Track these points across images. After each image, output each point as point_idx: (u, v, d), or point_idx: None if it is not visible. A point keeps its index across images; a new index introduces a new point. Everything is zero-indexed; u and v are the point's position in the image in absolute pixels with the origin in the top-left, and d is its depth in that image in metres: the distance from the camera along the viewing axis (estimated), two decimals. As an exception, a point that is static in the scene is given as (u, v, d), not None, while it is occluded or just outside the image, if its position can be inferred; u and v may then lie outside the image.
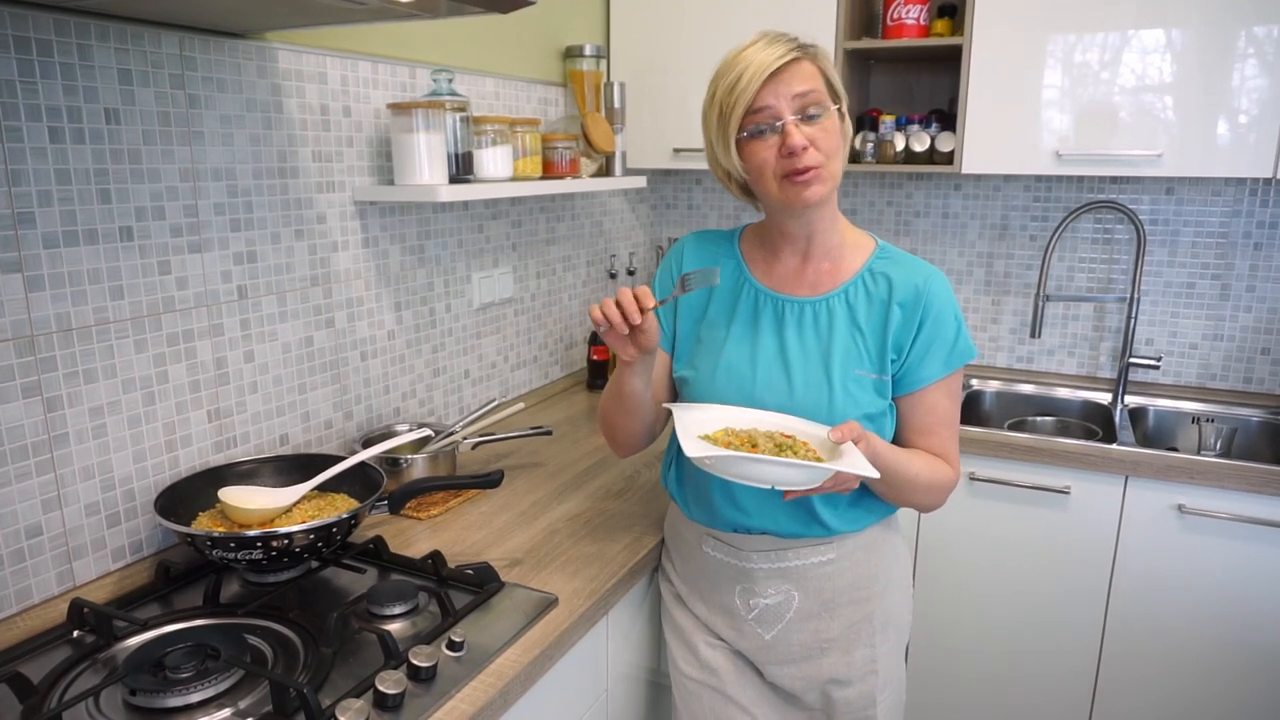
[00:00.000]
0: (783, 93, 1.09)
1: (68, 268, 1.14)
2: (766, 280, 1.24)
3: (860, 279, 1.19)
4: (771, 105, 1.09)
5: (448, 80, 1.60)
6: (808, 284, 1.22)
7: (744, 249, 1.28)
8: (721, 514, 1.23)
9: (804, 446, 1.08)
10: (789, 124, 1.09)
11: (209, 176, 1.31)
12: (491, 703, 1.00)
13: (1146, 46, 1.83)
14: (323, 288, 1.53)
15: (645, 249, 2.65)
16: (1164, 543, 1.79)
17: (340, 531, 1.22)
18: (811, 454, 1.07)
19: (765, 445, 1.07)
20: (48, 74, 1.09)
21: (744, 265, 1.26)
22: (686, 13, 2.18)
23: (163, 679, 0.97)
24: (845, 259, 1.21)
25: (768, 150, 1.11)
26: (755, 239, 1.28)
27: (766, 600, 1.23)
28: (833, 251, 1.21)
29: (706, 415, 1.15)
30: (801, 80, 1.10)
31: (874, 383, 1.17)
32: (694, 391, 1.23)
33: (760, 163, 1.12)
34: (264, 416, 1.45)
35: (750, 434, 1.10)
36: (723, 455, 1.01)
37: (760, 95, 1.09)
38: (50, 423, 1.15)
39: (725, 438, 1.09)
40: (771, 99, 1.09)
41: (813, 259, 1.22)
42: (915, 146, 2.11)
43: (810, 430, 1.11)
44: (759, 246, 1.27)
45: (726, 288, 1.26)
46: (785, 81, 1.09)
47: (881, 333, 1.17)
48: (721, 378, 1.20)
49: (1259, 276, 2.12)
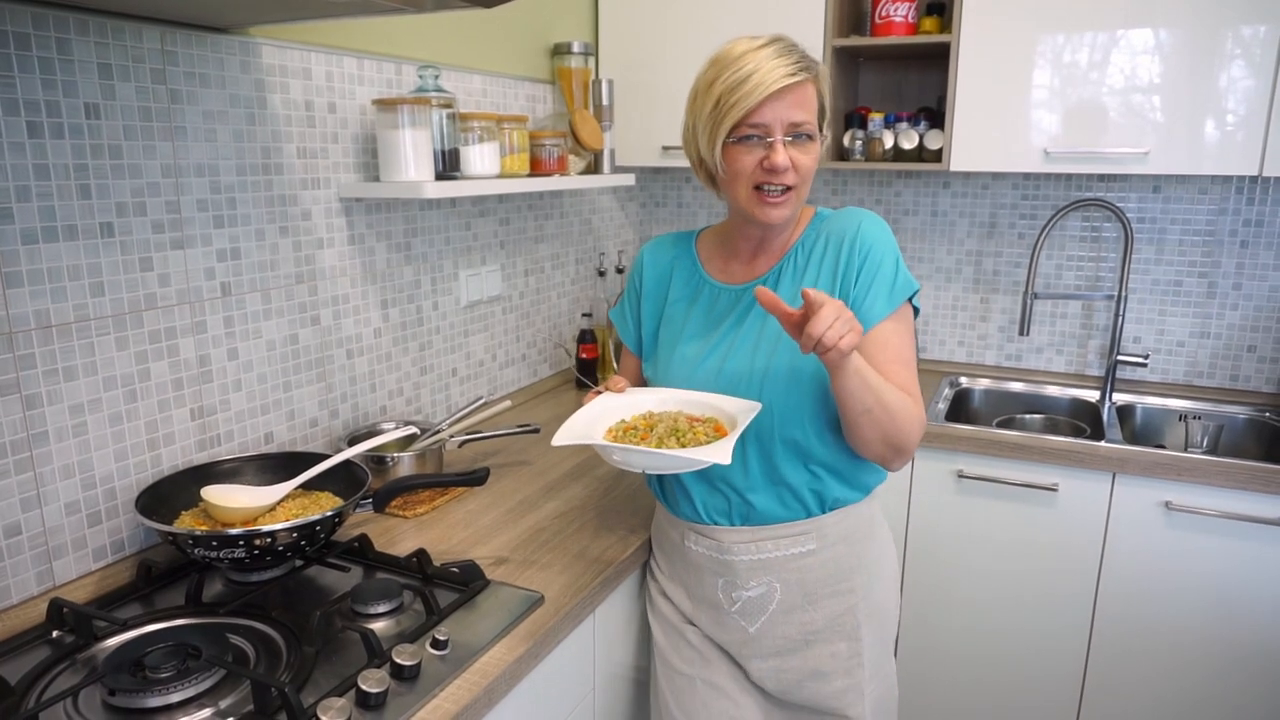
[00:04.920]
0: (782, 114, 1.12)
1: (47, 264, 1.13)
2: (722, 276, 1.29)
3: (796, 247, 1.24)
4: (767, 123, 1.12)
5: (434, 76, 1.59)
6: (758, 273, 1.26)
7: (700, 250, 1.33)
8: (700, 503, 1.25)
9: (704, 428, 1.15)
10: (777, 143, 1.12)
11: (191, 172, 1.30)
12: (475, 701, 0.99)
13: (1135, 46, 1.83)
14: (308, 285, 1.52)
15: (634, 247, 2.64)
16: (1151, 539, 1.80)
17: (324, 530, 1.22)
18: (712, 436, 1.14)
19: (660, 430, 1.15)
20: (25, 68, 1.08)
21: (699, 265, 1.32)
22: (675, 10, 2.17)
23: (142, 679, 0.96)
24: (789, 235, 1.26)
25: (750, 158, 1.14)
26: (714, 239, 1.34)
27: (748, 593, 1.24)
28: (787, 242, 1.26)
29: (633, 400, 1.24)
30: (802, 108, 1.12)
31: None
32: (655, 385, 1.29)
33: (740, 168, 1.15)
34: (248, 415, 1.44)
35: (652, 418, 1.19)
36: (581, 444, 1.15)
37: (760, 110, 1.11)
38: (29, 421, 1.13)
39: (620, 426, 1.19)
40: (770, 116, 1.11)
41: (765, 253, 1.26)
42: (904, 144, 2.11)
43: (734, 408, 1.16)
44: (717, 245, 1.32)
45: (685, 287, 1.31)
46: (787, 104, 1.11)
47: (830, 285, 1.19)
48: (675, 368, 1.26)
49: (1245, 274, 2.12)
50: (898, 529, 2.01)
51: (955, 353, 2.44)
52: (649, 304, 1.34)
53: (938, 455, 1.93)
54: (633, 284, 1.38)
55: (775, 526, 1.22)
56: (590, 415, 1.21)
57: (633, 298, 1.37)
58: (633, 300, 1.37)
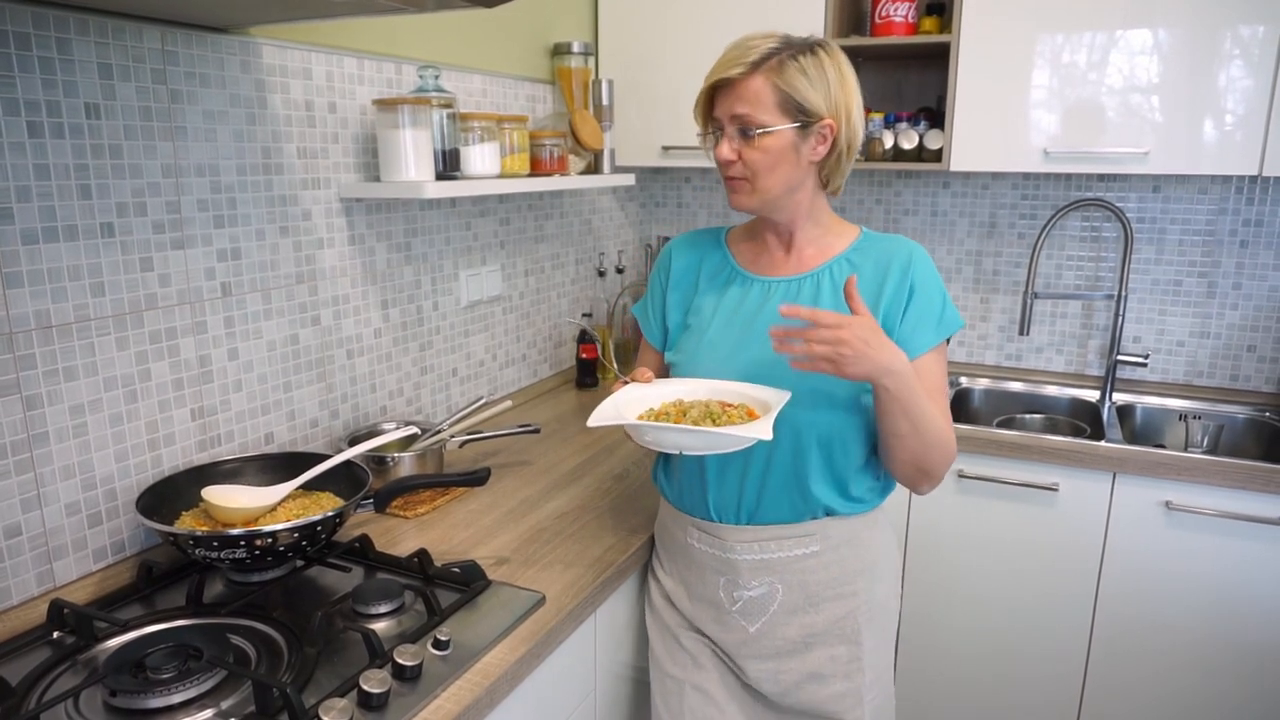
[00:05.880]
0: (727, 108, 1.15)
1: (47, 264, 1.12)
2: (753, 268, 1.29)
3: (845, 257, 1.24)
4: (718, 115, 1.17)
5: (434, 76, 1.59)
6: (792, 266, 1.26)
7: (730, 244, 1.34)
8: (710, 498, 1.24)
9: (738, 413, 1.13)
10: (725, 135, 1.16)
11: (192, 172, 1.30)
12: (477, 701, 0.99)
13: (1134, 46, 1.83)
14: (308, 285, 1.52)
15: (634, 247, 2.64)
16: (1151, 539, 1.80)
17: (325, 530, 1.21)
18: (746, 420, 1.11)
19: (694, 414, 1.13)
20: (26, 68, 1.08)
21: (730, 257, 1.31)
22: (675, 10, 2.17)
23: (143, 680, 0.96)
24: (830, 244, 1.26)
25: (715, 151, 1.19)
26: (743, 233, 1.34)
27: (750, 592, 1.24)
28: (816, 240, 1.26)
29: (661, 390, 1.22)
30: (743, 101, 1.14)
31: None
32: (680, 372, 1.28)
33: (716, 160, 1.20)
34: (249, 415, 1.44)
35: (683, 405, 1.17)
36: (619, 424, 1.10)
37: (715, 104, 1.17)
38: (29, 421, 1.13)
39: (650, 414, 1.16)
40: (719, 110, 1.17)
41: (796, 246, 1.26)
42: (904, 144, 2.11)
43: (765, 395, 1.14)
44: (747, 240, 1.33)
45: (714, 279, 1.31)
46: (731, 98, 1.15)
47: (872, 304, 1.18)
48: (704, 355, 1.25)
49: (1245, 274, 2.13)
50: (898, 528, 2.01)
51: (955, 352, 2.44)
52: (675, 294, 1.33)
53: (938, 455, 1.93)
54: (658, 276, 1.36)
55: (780, 527, 1.22)
56: (619, 401, 1.17)
57: (658, 290, 1.35)
58: (657, 293, 1.35)
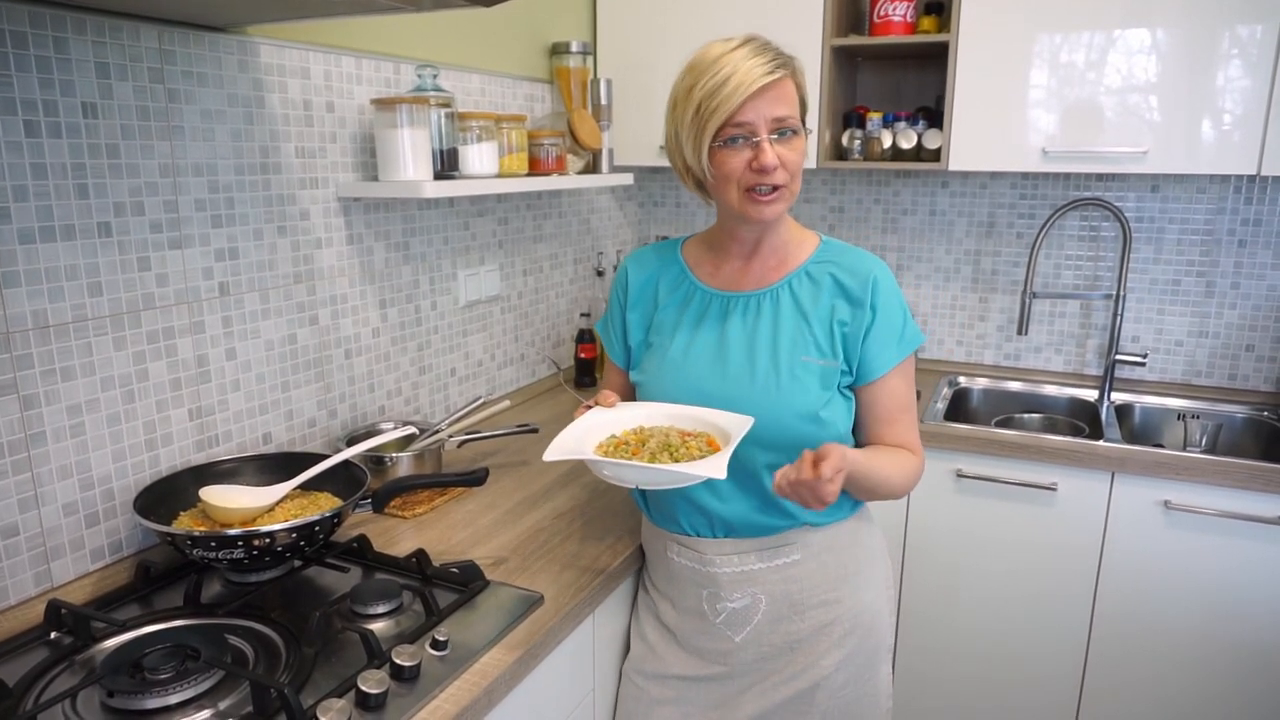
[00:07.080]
0: (764, 111, 1.11)
1: (44, 264, 1.12)
2: (712, 281, 1.27)
3: (804, 270, 1.22)
4: (751, 121, 1.11)
5: (432, 76, 1.58)
6: (753, 280, 1.24)
7: (687, 257, 1.31)
8: (682, 516, 1.24)
9: (697, 443, 1.12)
10: (764, 142, 1.12)
11: (189, 172, 1.29)
12: (475, 702, 0.99)
13: (1132, 45, 1.83)
14: (306, 285, 1.52)
15: (633, 247, 2.64)
16: (1150, 538, 1.80)
17: (323, 530, 1.21)
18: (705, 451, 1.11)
19: (652, 445, 1.12)
20: (23, 67, 1.08)
21: (688, 271, 1.29)
22: (673, 10, 2.17)
23: (141, 680, 0.96)
24: (790, 255, 1.24)
25: (738, 160, 1.13)
26: (701, 245, 1.31)
27: (733, 604, 1.23)
28: (779, 249, 1.24)
29: (622, 415, 1.21)
30: (783, 103, 1.12)
31: (820, 370, 1.18)
32: (645, 393, 1.26)
33: (729, 171, 1.14)
34: (246, 415, 1.44)
35: (644, 433, 1.16)
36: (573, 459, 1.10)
37: (742, 110, 1.10)
38: (27, 421, 1.13)
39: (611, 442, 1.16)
40: (752, 115, 1.11)
41: (758, 257, 1.25)
42: (902, 144, 2.11)
43: (726, 422, 1.14)
44: (706, 251, 1.30)
45: (673, 294, 1.29)
46: (768, 101, 1.11)
47: (829, 321, 1.18)
48: (667, 375, 1.23)
49: (1243, 273, 2.13)
50: (896, 528, 2.01)
51: (954, 352, 2.44)
52: (635, 313, 1.31)
53: (937, 455, 1.93)
54: (616, 297, 1.34)
55: (758, 539, 1.21)
56: (580, 429, 1.17)
57: (617, 311, 1.34)
58: (617, 313, 1.34)
